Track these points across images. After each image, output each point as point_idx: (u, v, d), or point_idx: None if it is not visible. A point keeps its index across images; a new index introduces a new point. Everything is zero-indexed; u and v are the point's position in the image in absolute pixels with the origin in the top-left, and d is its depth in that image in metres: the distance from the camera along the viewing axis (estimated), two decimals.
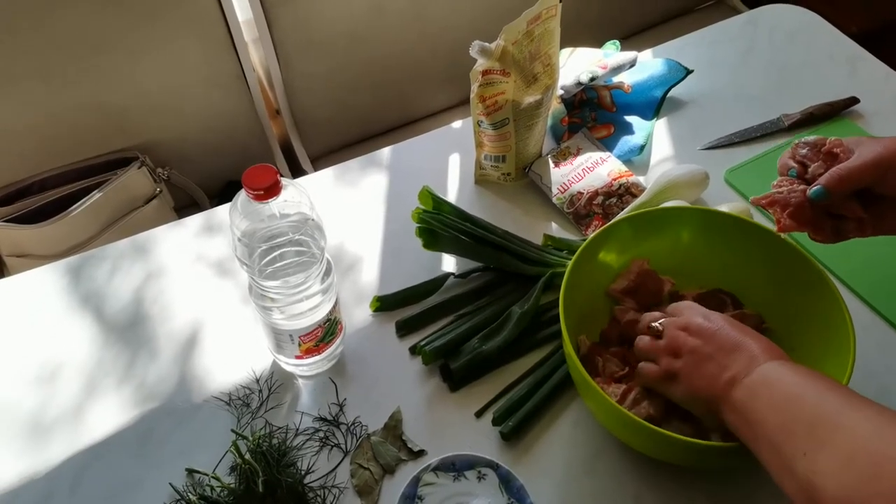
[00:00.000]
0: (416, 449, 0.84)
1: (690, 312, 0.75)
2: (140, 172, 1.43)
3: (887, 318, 0.93)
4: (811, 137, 0.80)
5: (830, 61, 1.25)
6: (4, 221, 1.35)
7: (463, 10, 1.58)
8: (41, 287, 1.01)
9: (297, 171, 1.63)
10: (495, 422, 0.86)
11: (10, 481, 0.84)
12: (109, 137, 1.44)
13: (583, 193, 1.05)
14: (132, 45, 1.35)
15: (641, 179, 1.07)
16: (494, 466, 0.81)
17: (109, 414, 0.89)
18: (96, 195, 1.38)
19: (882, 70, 1.23)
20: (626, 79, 1.17)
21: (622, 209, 1.03)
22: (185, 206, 1.58)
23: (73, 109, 1.37)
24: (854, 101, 1.16)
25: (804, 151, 0.80)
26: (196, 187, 1.54)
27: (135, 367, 0.93)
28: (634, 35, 1.85)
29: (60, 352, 0.95)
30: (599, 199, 1.04)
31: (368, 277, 1.01)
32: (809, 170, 0.78)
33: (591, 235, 0.86)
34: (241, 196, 0.75)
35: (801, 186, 0.77)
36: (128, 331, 0.96)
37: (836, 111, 1.16)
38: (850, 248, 0.84)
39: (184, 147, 1.52)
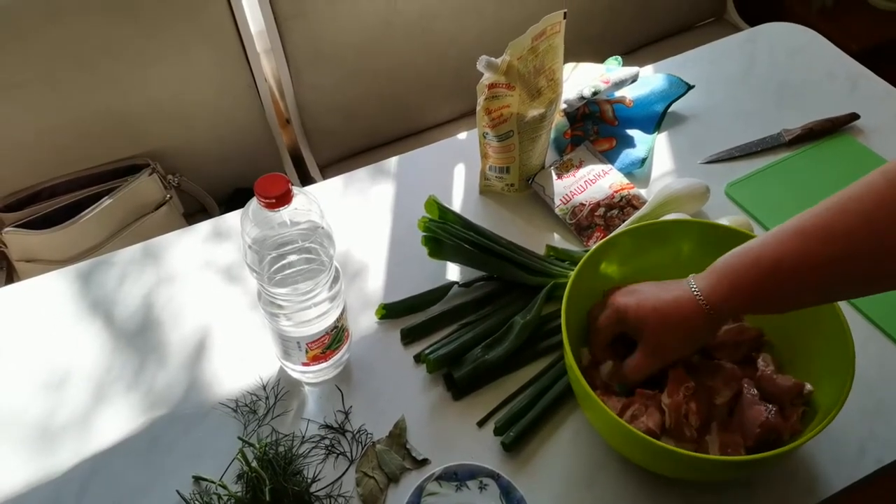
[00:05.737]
0: (419, 458, 0.85)
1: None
2: (150, 179, 1.43)
3: (886, 332, 0.94)
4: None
5: (831, 78, 1.26)
6: (15, 226, 1.35)
7: (469, 26, 1.60)
8: (51, 292, 1.02)
9: (305, 179, 1.64)
10: (497, 432, 0.86)
11: (17, 487, 0.84)
12: (120, 145, 1.44)
13: (585, 205, 1.06)
14: (145, 53, 1.36)
15: (643, 192, 1.08)
16: (495, 477, 0.81)
17: (117, 420, 0.89)
18: (107, 201, 1.38)
19: (882, 87, 1.24)
20: (628, 93, 1.19)
21: (623, 221, 1.04)
22: (194, 213, 1.58)
23: (84, 117, 1.38)
24: (854, 116, 1.17)
25: None
26: (206, 194, 1.55)
27: (143, 373, 0.93)
28: (636, 51, 1.86)
29: (69, 357, 0.95)
30: (601, 210, 1.05)
31: (374, 285, 1.01)
32: None
33: (593, 248, 0.87)
34: (253, 204, 0.76)
35: None
36: (136, 337, 0.96)
37: (837, 127, 1.16)
38: None
39: (194, 155, 1.53)
